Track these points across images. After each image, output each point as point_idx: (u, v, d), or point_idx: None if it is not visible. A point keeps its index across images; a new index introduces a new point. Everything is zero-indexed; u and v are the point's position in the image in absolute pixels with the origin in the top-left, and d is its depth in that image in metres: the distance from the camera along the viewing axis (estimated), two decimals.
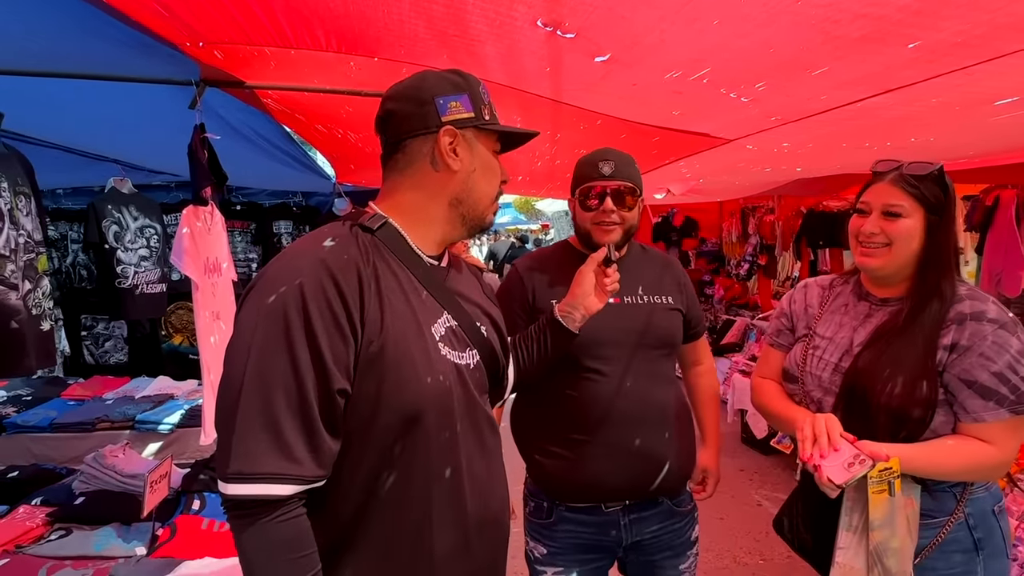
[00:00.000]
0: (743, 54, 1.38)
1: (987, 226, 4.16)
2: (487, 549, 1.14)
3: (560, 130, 2.46)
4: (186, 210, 2.21)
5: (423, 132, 1.07)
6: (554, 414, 1.61)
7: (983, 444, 1.25)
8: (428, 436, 1.02)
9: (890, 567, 1.27)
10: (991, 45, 1.19)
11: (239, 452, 0.89)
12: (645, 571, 1.70)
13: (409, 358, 0.99)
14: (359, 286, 0.97)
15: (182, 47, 1.77)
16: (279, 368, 0.91)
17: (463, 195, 1.11)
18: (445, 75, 1.11)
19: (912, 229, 1.31)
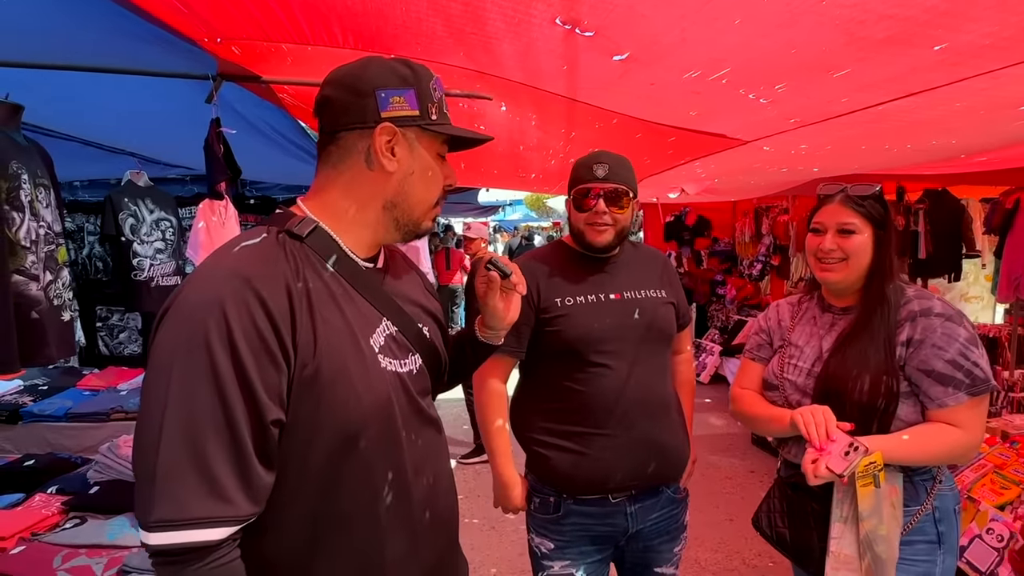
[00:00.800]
0: (764, 55, 1.36)
1: (1007, 229, 4.11)
2: (437, 549, 1.12)
3: (575, 128, 2.45)
4: (202, 204, 2.23)
5: (359, 126, 0.97)
6: (560, 409, 1.63)
7: (953, 428, 1.38)
8: (370, 451, 0.97)
9: (880, 553, 1.36)
10: (1020, 47, 1.17)
11: (163, 497, 0.80)
12: (642, 556, 1.75)
13: (346, 376, 0.93)
14: (289, 305, 0.89)
15: (200, 43, 1.78)
16: (204, 403, 0.83)
17: (398, 199, 1.03)
18: (392, 64, 1.00)
19: (864, 244, 1.47)
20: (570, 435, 1.61)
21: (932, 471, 1.49)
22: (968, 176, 3.86)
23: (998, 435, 3.35)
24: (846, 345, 1.49)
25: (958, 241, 5.00)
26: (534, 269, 1.68)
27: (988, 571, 2.74)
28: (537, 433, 1.67)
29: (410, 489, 1.03)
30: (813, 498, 1.47)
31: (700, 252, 7.94)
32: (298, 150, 3.29)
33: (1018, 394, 3.69)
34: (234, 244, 0.93)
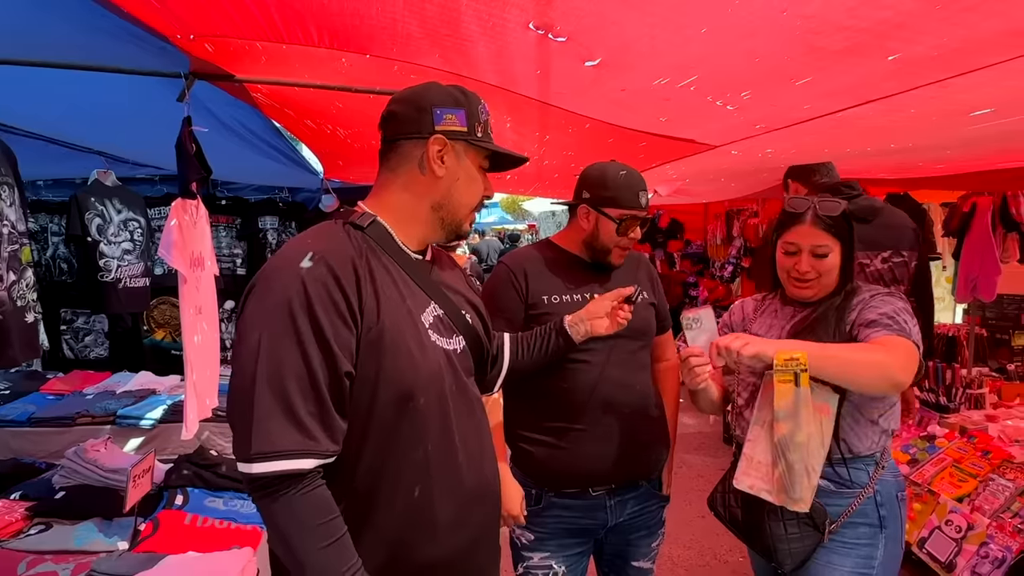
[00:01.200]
0: (730, 63, 1.41)
1: (964, 232, 4.26)
2: (482, 520, 1.23)
3: (548, 132, 2.49)
4: (175, 203, 2.19)
5: (416, 136, 1.16)
6: (541, 404, 1.67)
7: (877, 347, 1.40)
8: (424, 414, 1.11)
9: (792, 462, 1.33)
10: (966, 59, 1.23)
11: (260, 435, 0.97)
12: (620, 551, 1.79)
13: (404, 343, 1.09)
14: (355, 277, 1.05)
15: (172, 39, 1.76)
16: (290, 356, 0.99)
17: (444, 200, 1.19)
18: (449, 89, 1.20)
19: (835, 263, 1.56)
20: (550, 430, 1.66)
21: (875, 456, 1.55)
22: (929, 180, 4.00)
23: (957, 430, 3.47)
24: (802, 333, 1.57)
25: None
26: (523, 265, 1.73)
27: (947, 561, 2.85)
28: (520, 429, 1.70)
29: (458, 456, 1.16)
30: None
31: (673, 254, 8.06)
32: (271, 150, 3.26)
33: (975, 391, 3.83)
34: (309, 232, 1.14)
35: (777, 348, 1.34)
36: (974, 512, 2.89)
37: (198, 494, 2.37)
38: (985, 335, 4.80)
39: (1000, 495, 2.89)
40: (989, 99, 1.56)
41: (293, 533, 0.99)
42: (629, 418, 1.68)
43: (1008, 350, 4.76)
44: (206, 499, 2.36)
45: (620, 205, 1.65)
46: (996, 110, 1.63)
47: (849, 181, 2.53)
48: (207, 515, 2.26)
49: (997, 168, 3.31)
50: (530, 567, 1.72)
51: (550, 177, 3.39)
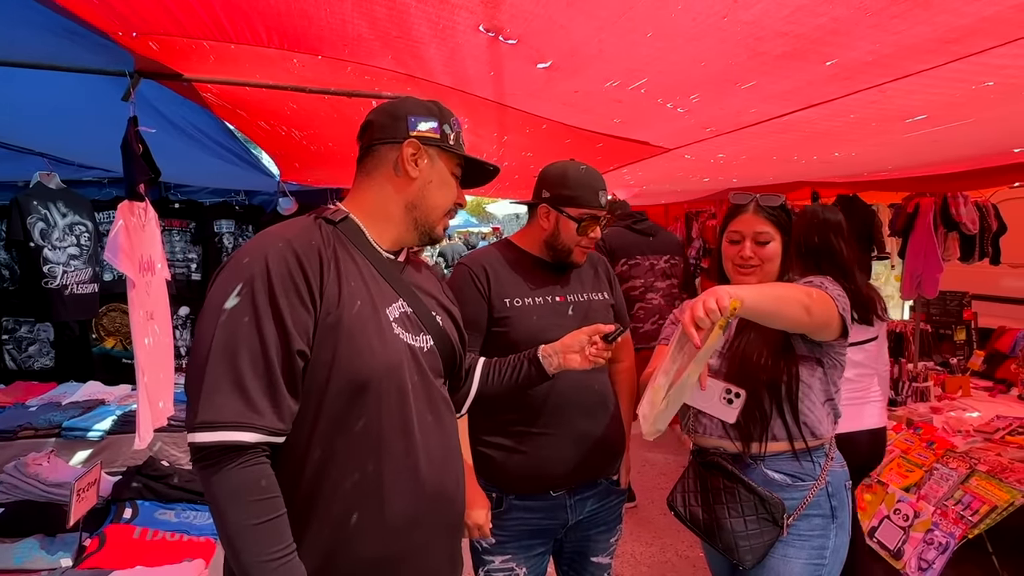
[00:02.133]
0: (677, 66, 1.44)
1: (908, 232, 4.44)
2: (439, 523, 1.22)
3: (506, 132, 2.49)
4: (121, 205, 2.12)
5: (391, 141, 1.22)
6: (499, 408, 1.66)
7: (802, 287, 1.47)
8: (379, 404, 1.12)
9: (677, 399, 1.30)
10: (899, 64, 1.29)
11: (206, 405, 0.99)
12: (579, 546, 1.79)
13: (362, 331, 1.11)
14: (320, 264, 1.10)
15: (114, 36, 1.70)
16: (245, 330, 1.02)
17: (418, 201, 1.24)
18: (425, 103, 1.27)
19: (776, 250, 1.63)
20: (510, 434, 1.66)
21: (825, 447, 1.61)
22: (876, 183, 4.16)
23: (903, 422, 3.61)
24: (749, 327, 1.62)
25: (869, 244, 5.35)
26: (484, 265, 1.71)
27: (895, 549, 2.95)
28: (479, 433, 1.69)
29: (417, 453, 1.16)
30: (725, 475, 1.58)
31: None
32: (224, 151, 3.17)
33: (921, 384, 3.98)
34: (282, 223, 1.17)
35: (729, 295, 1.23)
36: (920, 501, 3.01)
37: (148, 507, 2.30)
38: (930, 331, 5.00)
39: (944, 483, 3.01)
40: (923, 106, 1.63)
41: (227, 507, 1.00)
42: (587, 419, 1.68)
43: (951, 344, 4.97)
44: (157, 511, 2.30)
45: (580, 204, 1.66)
46: (929, 116, 1.71)
47: (637, 211, 3.36)
48: (158, 528, 2.21)
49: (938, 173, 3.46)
50: (491, 570, 1.71)
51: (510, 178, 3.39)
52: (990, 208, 4.50)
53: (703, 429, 1.65)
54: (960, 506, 2.85)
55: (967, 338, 4.96)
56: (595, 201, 1.67)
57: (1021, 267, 5.40)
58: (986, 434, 3.38)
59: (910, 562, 2.85)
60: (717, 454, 1.62)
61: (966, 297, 5.08)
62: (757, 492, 1.52)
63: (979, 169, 3.17)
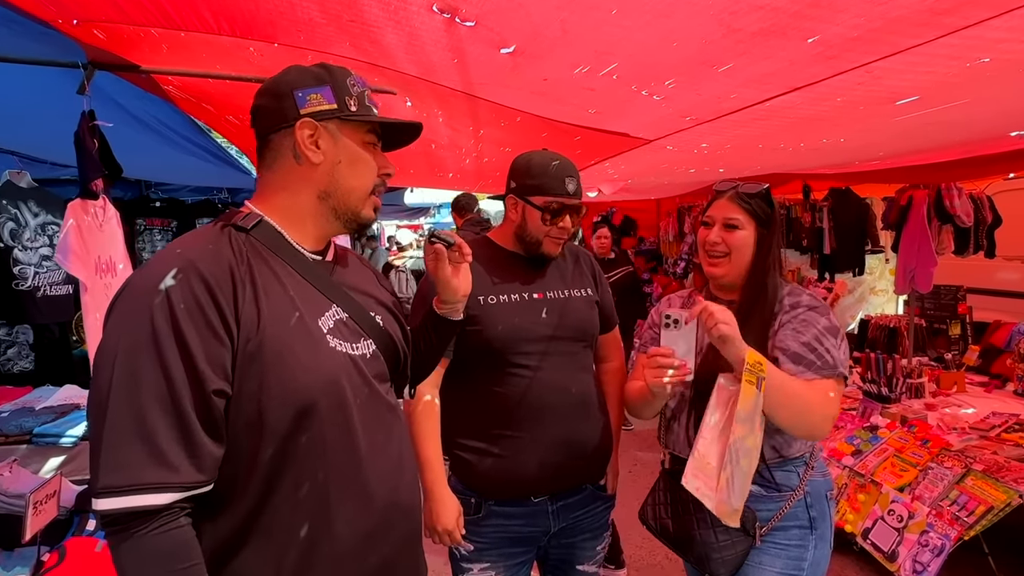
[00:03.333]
0: (647, 47, 1.35)
1: (902, 225, 4.35)
2: (397, 539, 1.13)
3: (482, 126, 2.40)
4: (72, 204, 2.02)
5: (283, 126, 1.05)
6: (479, 410, 1.60)
7: (815, 391, 1.41)
8: (322, 428, 1.01)
9: (743, 467, 1.32)
10: (887, 40, 1.19)
11: (109, 465, 0.87)
12: (564, 554, 1.72)
13: (291, 353, 0.99)
14: (232, 287, 0.96)
15: (54, 24, 1.60)
16: (149, 375, 0.89)
17: (330, 188, 1.09)
18: (309, 68, 1.08)
19: (746, 239, 1.52)
20: (488, 437, 1.58)
21: (805, 457, 1.53)
22: (870, 175, 4.08)
23: (898, 420, 3.53)
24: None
25: (862, 237, 5.28)
26: None
27: (890, 551, 2.88)
28: (459, 437, 1.62)
29: (366, 472, 1.07)
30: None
31: (627, 251, 8.08)
32: (195, 147, 3.08)
33: (915, 380, 3.90)
34: (182, 239, 1.03)
35: (748, 348, 1.32)
36: (914, 501, 2.93)
37: None
38: (924, 325, 4.93)
39: (939, 483, 2.94)
40: (914, 86, 1.54)
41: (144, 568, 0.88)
42: (569, 422, 1.60)
43: (946, 339, 4.89)
44: None
45: (545, 192, 1.57)
46: (921, 98, 1.61)
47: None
48: None
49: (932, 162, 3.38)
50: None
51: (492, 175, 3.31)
52: (985, 200, 4.41)
53: (673, 444, 1.61)
54: (956, 507, 2.78)
55: (962, 333, 4.88)
56: (561, 188, 1.57)
57: (1017, 260, 5.34)
58: (982, 431, 3.31)
59: (904, 564, 2.78)
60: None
61: (961, 291, 5.00)
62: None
63: (974, 158, 3.09)
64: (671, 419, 1.61)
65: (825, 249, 5.05)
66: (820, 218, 5.04)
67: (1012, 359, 4.08)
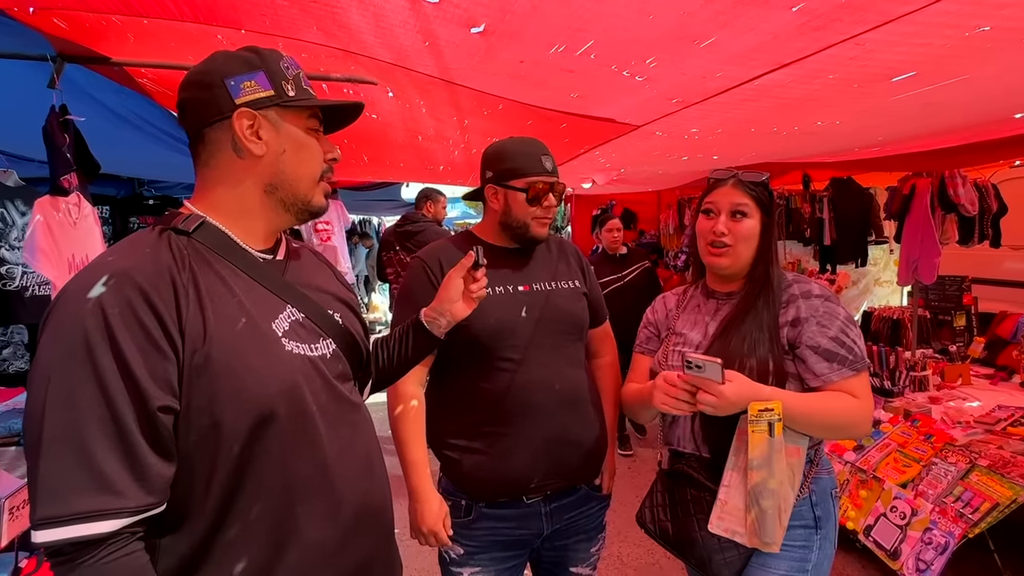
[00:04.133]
0: (622, 23, 1.27)
1: (905, 214, 4.27)
2: (369, 542, 1.10)
3: (466, 116, 2.33)
4: (39, 201, 1.96)
5: (218, 118, 0.98)
6: (468, 408, 1.55)
7: (849, 396, 1.38)
8: (283, 436, 0.96)
9: (766, 508, 1.33)
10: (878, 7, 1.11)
11: (48, 494, 0.81)
12: (558, 556, 1.67)
13: (243, 361, 0.93)
14: (174, 295, 0.90)
15: (10, 13, 1.54)
16: (86, 395, 0.83)
17: (276, 180, 1.02)
18: (237, 53, 1.01)
19: (753, 229, 1.47)
20: (477, 436, 1.53)
21: (809, 454, 1.46)
22: (871, 163, 3.99)
23: (901, 414, 3.46)
24: (730, 329, 1.46)
25: (865, 228, 5.19)
26: (438, 257, 1.60)
27: (892, 548, 2.80)
28: (447, 436, 1.57)
29: (332, 477, 1.02)
30: (692, 485, 1.47)
31: (627, 244, 8.00)
32: (176, 142, 3.01)
33: (919, 373, 3.83)
34: (116, 247, 0.95)
35: (751, 398, 1.32)
36: (918, 498, 2.86)
37: None
38: (928, 317, 4.84)
39: (943, 479, 2.86)
40: (909, 61, 1.45)
41: None
42: (558, 418, 1.55)
43: (950, 331, 4.81)
44: None
45: (524, 173, 1.53)
46: (918, 73, 1.53)
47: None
48: None
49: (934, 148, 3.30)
50: None
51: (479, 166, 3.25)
52: (990, 188, 4.32)
53: (677, 439, 1.55)
54: (960, 503, 2.70)
55: (967, 324, 4.79)
56: (539, 167, 1.54)
57: (1021, 249, 5.25)
58: (987, 425, 3.23)
59: (907, 563, 2.70)
60: (688, 464, 1.49)
61: (966, 281, 4.92)
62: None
63: (978, 143, 3.00)
64: (674, 416, 1.54)
65: (825, 240, 4.96)
66: (820, 208, 4.95)
67: (1018, 351, 4.01)
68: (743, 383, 1.33)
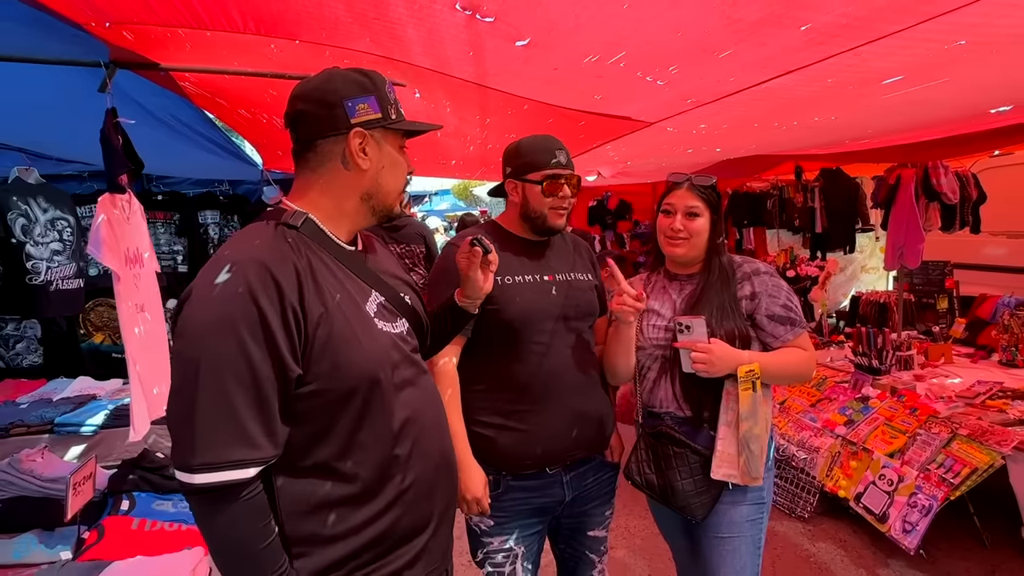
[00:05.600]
0: (654, 37, 1.45)
1: (890, 203, 4.48)
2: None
3: (489, 115, 2.49)
4: (101, 198, 2.11)
5: (333, 134, 1.14)
6: (496, 387, 1.68)
7: (800, 350, 1.75)
8: (384, 396, 1.14)
9: (754, 450, 1.65)
10: (873, 27, 1.30)
11: (204, 445, 0.98)
12: (576, 522, 1.83)
13: (354, 336, 1.10)
14: (296, 279, 1.05)
15: (87, 27, 1.68)
16: (235, 366, 0.99)
17: (373, 191, 1.20)
18: (352, 76, 1.17)
19: (704, 225, 1.75)
20: (506, 413, 1.66)
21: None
22: (859, 154, 4.18)
23: (888, 391, 3.67)
24: (699, 303, 1.74)
25: (853, 216, 5.40)
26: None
27: (881, 513, 3.02)
28: (479, 415, 1.69)
29: (420, 429, 1.20)
30: (673, 443, 1.73)
31: (623, 235, 8.19)
32: (206, 141, 3.15)
33: (904, 353, 4.04)
34: (244, 237, 1.10)
35: (733, 358, 1.63)
36: (904, 466, 3.07)
37: (145, 498, 2.30)
38: (913, 300, 5.07)
39: (927, 448, 3.08)
40: (898, 67, 1.65)
41: (231, 540, 1.02)
42: (580, 395, 1.71)
43: (934, 313, 5.04)
44: (154, 503, 2.29)
45: (538, 167, 1.68)
46: (905, 77, 1.73)
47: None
48: (156, 519, 2.21)
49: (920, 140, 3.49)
50: (490, 552, 1.73)
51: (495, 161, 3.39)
52: (970, 177, 4.54)
53: (659, 401, 1.79)
54: (942, 469, 2.92)
55: (949, 306, 5.03)
56: (551, 160, 1.68)
57: (1001, 235, 5.47)
58: (967, 399, 3.44)
59: (895, 525, 2.92)
60: (667, 423, 1.75)
61: (948, 266, 5.13)
62: (703, 454, 1.69)
63: (959, 136, 3.20)
64: (655, 381, 1.80)
65: (817, 228, 5.17)
66: (812, 198, 5.15)
67: (996, 330, 4.19)
68: (724, 345, 1.64)
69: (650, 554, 3.19)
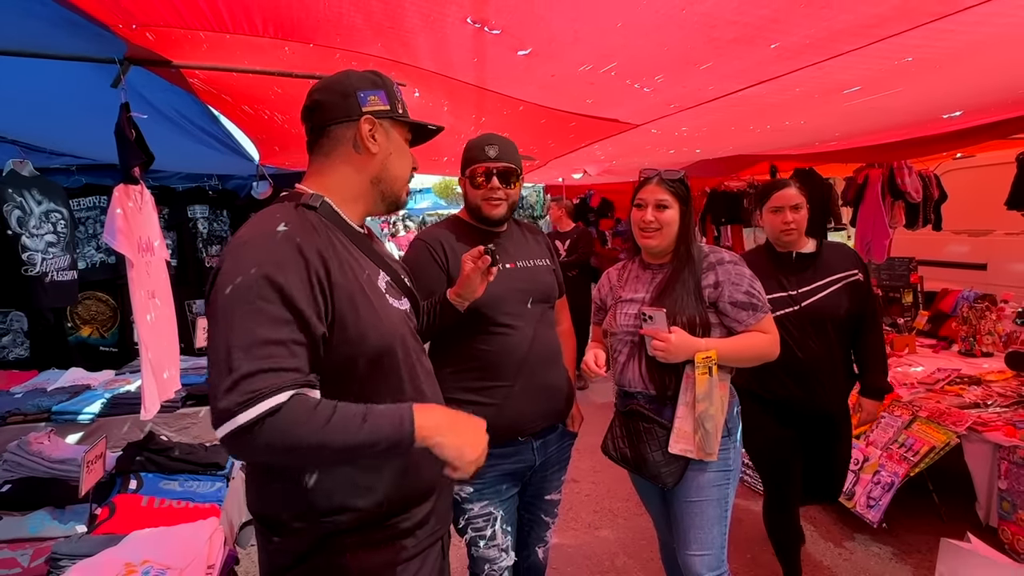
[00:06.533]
0: (643, 51, 1.61)
1: (859, 201, 4.71)
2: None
3: (485, 114, 2.63)
4: (117, 188, 2.20)
5: (346, 120, 1.25)
6: (471, 368, 1.80)
7: (761, 333, 1.85)
8: (397, 365, 1.24)
9: (709, 429, 1.78)
10: (831, 46, 1.49)
11: (241, 388, 1.00)
12: (538, 487, 1.99)
13: (371, 306, 1.20)
14: (321, 255, 1.13)
15: (114, 28, 1.78)
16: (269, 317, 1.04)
17: (382, 174, 1.29)
18: (365, 74, 1.30)
19: (674, 216, 1.87)
20: (480, 390, 1.79)
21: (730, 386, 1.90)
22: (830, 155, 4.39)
23: None
24: (665, 292, 1.87)
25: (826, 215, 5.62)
26: (440, 238, 1.84)
27: (848, 490, 3.22)
28: (454, 394, 1.76)
29: (426, 400, 1.28)
30: (643, 419, 1.88)
31: (605, 232, 8.34)
32: (206, 136, 3.22)
33: None
34: (268, 215, 1.17)
35: (690, 346, 1.76)
36: (869, 447, 3.28)
37: (152, 478, 2.34)
38: (880, 294, 5.30)
39: (889, 429, 3.29)
40: (857, 79, 1.85)
41: (297, 435, 1.01)
42: (545, 370, 1.87)
43: (900, 306, 5.26)
44: (161, 482, 2.34)
45: (471, 162, 1.83)
46: (863, 87, 1.93)
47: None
48: (164, 497, 2.27)
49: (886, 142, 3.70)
50: (471, 517, 1.85)
51: None
52: (932, 178, 4.78)
53: (628, 382, 1.95)
54: (903, 448, 3.13)
55: (914, 300, 5.25)
56: (482, 155, 1.79)
57: (963, 233, 5.74)
58: (928, 385, 3.64)
59: (860, 500, 3.13)
60: (639, 402, 1.91)
61: (913, 262, 5.35)
62: (669, 428, 1.83)
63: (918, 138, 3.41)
64: (624, 364, 1.95)
65: None
66: None
67: (957, 322, 4.39)
68: (683, 334, 1.76)
69: (633, 532, 3.37)
